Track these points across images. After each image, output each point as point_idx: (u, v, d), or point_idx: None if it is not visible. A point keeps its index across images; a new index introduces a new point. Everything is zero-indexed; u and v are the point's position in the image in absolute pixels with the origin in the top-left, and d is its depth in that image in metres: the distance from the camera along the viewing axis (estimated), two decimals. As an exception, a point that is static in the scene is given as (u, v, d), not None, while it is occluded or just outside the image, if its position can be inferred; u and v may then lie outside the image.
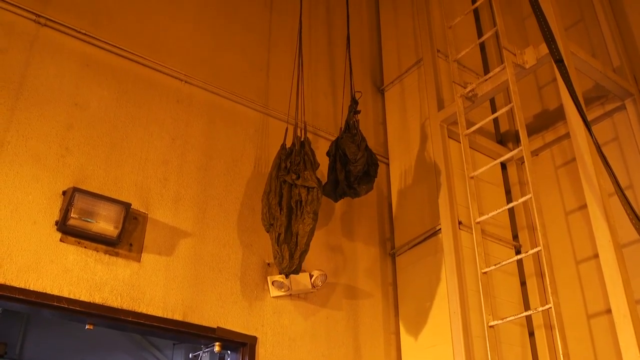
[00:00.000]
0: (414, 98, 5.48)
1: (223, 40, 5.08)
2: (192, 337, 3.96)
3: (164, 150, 4.29)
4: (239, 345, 4.05)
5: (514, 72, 4.36)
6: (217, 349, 4.03)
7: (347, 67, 5.21)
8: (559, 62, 3.87)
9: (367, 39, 6.26)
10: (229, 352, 4.15)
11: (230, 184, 4.52)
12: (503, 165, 5.36)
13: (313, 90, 5.42)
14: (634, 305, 3.43)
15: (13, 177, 3.58)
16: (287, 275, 4.16)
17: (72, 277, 3.54)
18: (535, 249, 3.86)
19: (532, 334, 4.65)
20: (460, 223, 4.57)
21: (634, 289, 3.55)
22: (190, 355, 6.32)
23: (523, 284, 4.86)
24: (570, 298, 4.53)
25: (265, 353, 4.10)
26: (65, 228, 3.58)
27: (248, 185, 4.60)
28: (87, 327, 3.65)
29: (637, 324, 3.37)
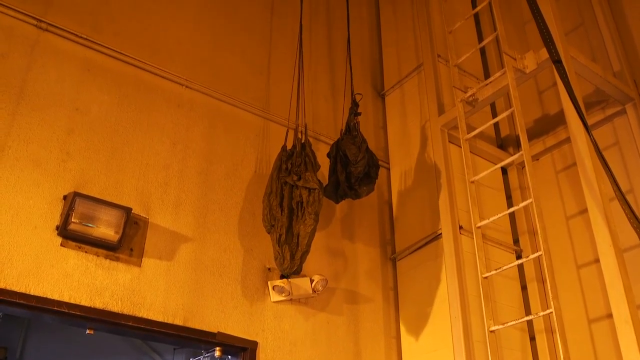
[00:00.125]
0: (415, 103, 5.49)
1: (223, 44, 5.09)
2: (192, 341, 3.96)
3: (165, 155, 4.29)
4: (240, 350, 4.05)
5: (515, 76, 4.36)
6: (217, 354, 4.03)
7: (347, 71, 5.22)
8: (558, 62, 3.87)
9: (367, 44, 6.27)
10: (230, 356, 4.14)
11: (231, 189, 4.52)
12: (504, 170, 5.36)
13: (313, 94, 5.42)
14: (635, 310, 3.42)
15: (14, 181, 3.58)
16: (288, 276, 4.16)
17: (72, 281, 3.53)
18: (536, 254, 3.85)
19: (533, 339, 4.64)
20: (461, 228, 4.57)
21: (635, 294, 3.54)
22: (191, 360, 6.31)
23: (524, 289, 4.85)
24: (571, 303, 4.53)
25: (266, 358, 4.10)
26: (66, 233, 3.58)
27: (249, 190, 4.60)
28: (87, 331, 3.66)
29: (638, 329, 3.35)
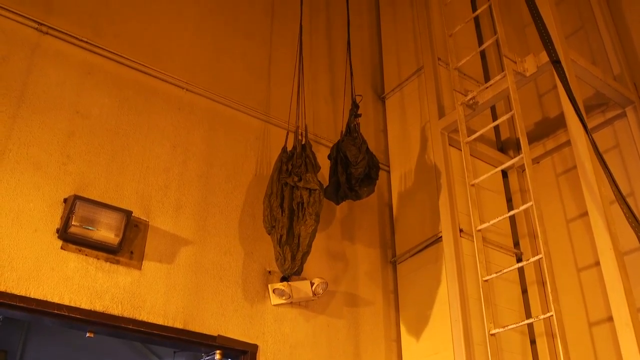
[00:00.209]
0: (415, 106, 5.49)
1: (224, 47, 5.10)
2: (192, 345, 3.95)
3: (165, 158, 4.29)
4: (240, 353, 4.04)
5: (515, 80, 4.36)
6: (217, 357, 4.01)
7: (347, 74, 5.22)
8: (556, 62, 3.87)
9: (367, 47, 6.27)
10: (230, 360, 4.14)
11: (231, 192, 4.52)
12: (504, 173, 5.36)
13: (314, 97, 5.42)
14: (636, 313, 3.42)
15: (14, 184, 3.58)
16: (288, 277, 4.16)
17: (72, 284, 3.53)
18: (537, 257, 3.85)
19: (533, 342, 4.63)
20: (462, 231, 4.57)
21: (636, 297, 3.54)
22: (191, 363, 6.30)
23: (524, 292, 4.84)
24: (572, 306, 4.52)
25: (266, 361, 4.10)
26: (66, 236, 3.58)
27: (249, 193, 4.60)
28: (87, 335, 3.65)
29: (638, 332, 3.35)
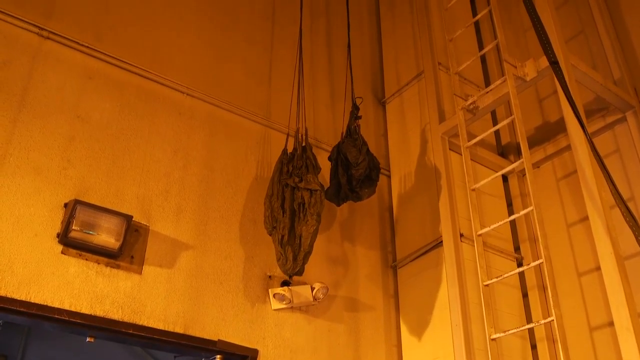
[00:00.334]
0: (415, 110, 5.49)
1: (224, 52, 5.10)
2: (193, 349, 3.94)
3: (166, 163, 4.30)
4: (240, 358, 4.03)
5: (515, 84, 4.37)
6: (218, 362, 4.02)
7: (347, 78, 5.22)
8: (554, 64, 3.87)
9: (367, 52, 6.28)
10: (230, 364, 4.14)
11: (232, 196, 4.52)
12: (504, 178, 5.36)
13: (314, 101, 5.43)
14: (637, 318, 3.41)
15: (15, 189, 3.59)
16: (290, 279, 4.15)
17: (73, 289, 3.53)
18: (537, 262, 3.85)
19: (534, 347, 4.63)
20: (462, 235, 4.56)
21: (637, 302, 3.53)
22: (191, 368, 6.29)
23: (525, 297, 4.84)
24: (573, 310, 4.52)
25: (267, 366, 4.09)
26: (67, 240, 3.58)
27: (249, 198, 4.60)
28: (88, 339, 3.64)
29: (639, 337, 3.35)
